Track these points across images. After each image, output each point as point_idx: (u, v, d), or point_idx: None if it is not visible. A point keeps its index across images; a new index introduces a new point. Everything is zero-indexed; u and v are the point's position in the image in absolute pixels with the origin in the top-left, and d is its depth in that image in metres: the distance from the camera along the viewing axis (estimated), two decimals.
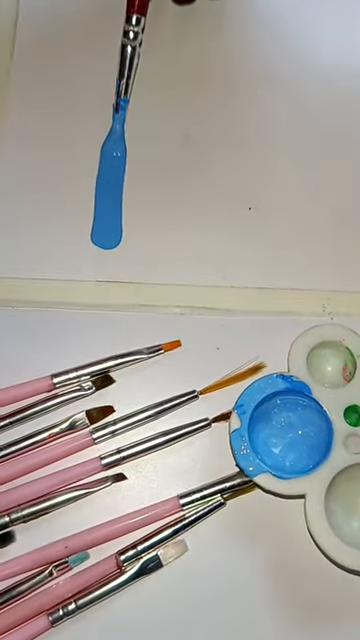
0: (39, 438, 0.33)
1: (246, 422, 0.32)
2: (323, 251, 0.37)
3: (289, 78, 0.39)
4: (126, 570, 0.31)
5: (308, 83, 0.39)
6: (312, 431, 0.33)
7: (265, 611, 0.32)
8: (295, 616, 0.32)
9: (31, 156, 0.37)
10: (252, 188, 0.37)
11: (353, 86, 0.39)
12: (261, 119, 0.38)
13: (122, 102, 0.36)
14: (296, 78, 0.39)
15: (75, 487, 0.32)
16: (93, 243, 0.36)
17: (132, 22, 0.35)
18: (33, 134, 0.37)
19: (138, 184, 0.37)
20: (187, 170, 0.37)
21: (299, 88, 0.39)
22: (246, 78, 0.39)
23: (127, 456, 0.33)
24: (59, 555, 0.31)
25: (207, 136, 0.38)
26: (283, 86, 0.39)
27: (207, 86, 0.38)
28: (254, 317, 0.35)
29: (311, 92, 0.39)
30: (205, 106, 0.38)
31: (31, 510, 0.32)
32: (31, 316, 0.35)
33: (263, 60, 0.39)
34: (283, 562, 0.32)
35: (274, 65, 0.39)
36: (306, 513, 0.31)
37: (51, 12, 0.39)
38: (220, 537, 0.32)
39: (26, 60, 0.38)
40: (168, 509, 0.32)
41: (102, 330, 0.35)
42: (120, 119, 0.37)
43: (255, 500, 0.32)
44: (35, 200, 0.37)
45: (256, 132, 0.38)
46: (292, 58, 0.39)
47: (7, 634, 0.30)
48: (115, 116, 0.37)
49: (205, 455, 0.33)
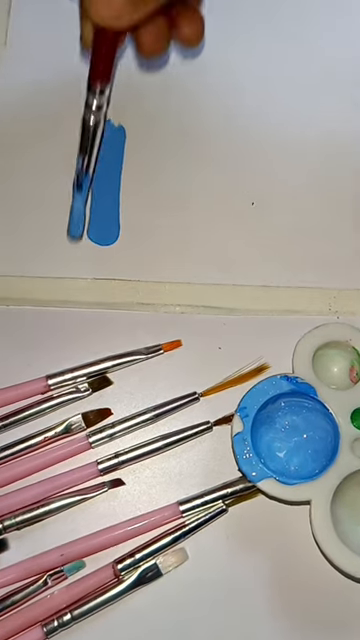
0: (33, 442, 0.33)
1: (249, 425, 0.32)
2: (329, 247, 0.37)
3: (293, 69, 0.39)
4: (124, 579, 0.31)
5: (313, 73, 0.39)
6: (318, 435, 0.33)
7: (268, 622, 0.32)
8: (300, 627, 0.32)
9: (23, 147, 0.37)
10: (255, 182, 0.37)
11: None
12: (264, 109, 0.38)
13: (85, 179, 0.34)
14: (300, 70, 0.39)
15: (71, 493, 0.32)
16: (89, 239, 0.36)
17: (95, 93, 0.30)
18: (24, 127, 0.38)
19: (137, 177, 0.37)
20: (187, 163, 0.38)
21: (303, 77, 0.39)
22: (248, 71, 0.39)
23: (125, 461, 0.33)
24: (54, 564, 0.31)
25: (206, 131, 0.38)
26: (286, 75, 0.39)
27: (207, 75, 0.39)
28: (257, 316, 0.35)
29: (316, 82, 0.39)
30: (206, 95, 0.39)
31: (25, 517, 0.32)
32: (25, 315, 0.35)
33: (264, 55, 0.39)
34: (287, 571, 0.32)
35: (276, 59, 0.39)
36: (311, 520, 0.31)
37: None
38: (222, 545, 0.32)
39: None
40: (167, 516, 0.32)
41: (99, 329, 0.35)
42: (82, 199, 0.34)
43: (258, 506, 0.32)
44: (28, 194, 0.37)
45: (258, 122, 0.38)
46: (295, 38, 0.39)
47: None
48: (76, 196, 0.34)
49: (206, 460, 0.33)
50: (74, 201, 0.34)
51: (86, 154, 0.33)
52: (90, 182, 0.34)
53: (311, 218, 0.37)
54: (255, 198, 0.37)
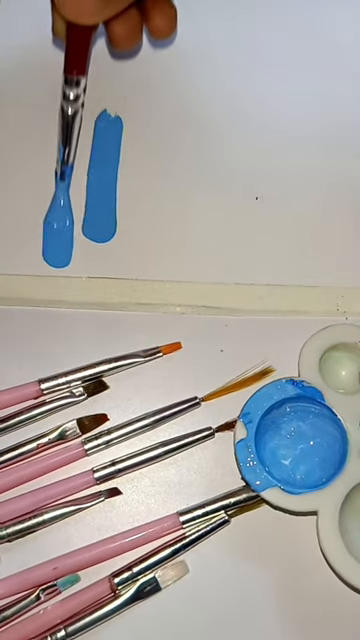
0: (25, 449, 0.32)
1: (252, 432, 0.32)
2: (337, 244, 0.37)
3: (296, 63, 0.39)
4: (121, 594, 0.31)
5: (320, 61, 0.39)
6: (325, 441, 0.33)
7: (274, 636, 0.32)
8: (302, 638, 0.32)
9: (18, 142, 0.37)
10: (259, 176, 0.37)
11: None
12: (268, 99, 0.39)
13: (67, 170, 0.35)
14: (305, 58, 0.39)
15: (65, 503, 0.32)
16: (84, 236, 0.36)
17: (72, 84, 0.32)
18: None
19: (134, 171, 0.37)
20: (188, 156, 0.38)
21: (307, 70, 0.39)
22: (251, 58, 0.39)
23: (122, 469, 0.32)
24: (47, 577, 0.31)
25: (209, 121, 0.38)
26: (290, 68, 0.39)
27: (210, 63, 0.39)
28: (261, 317, 0.35)
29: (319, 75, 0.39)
30: (207, 85, 0.39)
31: (16, 528, 0.31)
32: (16, 315, 0.35)
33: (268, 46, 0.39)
34: (293, 585, 0.32)
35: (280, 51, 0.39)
36: (318, 531, 0.31)
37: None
38: (224, 557, 0.32)
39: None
40: (167, 527, 0.32)
41: (94, 331, 0.35)
42: (64, 188, 0.36)
43: (262, 517, 0.32)
44: (19, 187, 0.37)
45: (263, 113, 0.38)
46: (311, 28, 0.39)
47: None
48: (59, 185, 0.35)
49: (208, 468, 0.33)
50: (57, 191, 0.35)
51: (67, 144, 0.34)
52: (71, 172, 0.35)
53: (318, 213, 0.37)
54: (259, 192, 0.37)
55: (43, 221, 0.36)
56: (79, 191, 0.37)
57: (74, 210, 0.36)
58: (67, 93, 0.32)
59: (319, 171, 0.37)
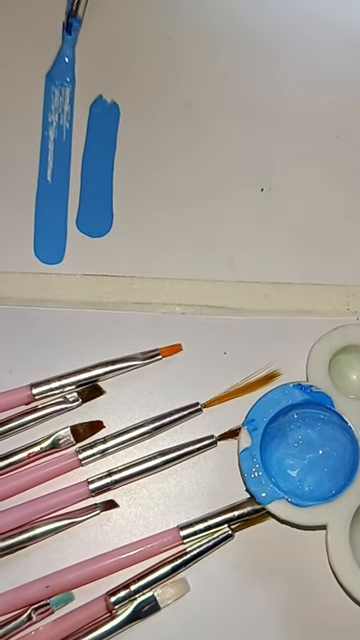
0: (16, 459, 0.32)
1: (258, 440, 0.31)
2: (347, 240, 0.36)
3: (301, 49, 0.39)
4: (117, 614, 0.30)
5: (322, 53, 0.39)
6: (335, 450, 0.32)
7: None
8: None
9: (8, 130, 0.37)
10: (265, 165, 0.37)
11: None
12: (273, 85, 0.38)
13: (74, 22, 0.37)
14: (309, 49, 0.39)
15: (58, 516, 0.32)
16: (79, 229, 0.36)
17: None
18: None
19: (132, 161, 0.37)
20: (188, 145, 0.37)
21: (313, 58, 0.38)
22: (255, 42, 0.38)
23: (119, 480, 0.32)
24: (39, 596, 0.30)
25: (210, 106, 0.38)
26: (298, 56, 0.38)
27: (211, 49, 0.38)
28: (267, 317, 0.35)
29: (328, 61, 0.38)
30: (209, 73, 0.38)
31: (7, 543, 0.31)
32: (5, 315, 0.35)
33: (275, 27, 0.39)
34: (301, 604, 0.32)
35: (287, 34, 0.39)
36: (328, 546, 0.30)
37: None
38: (227, 575, 0.32)
39: None
40: (167, 542, 0.31)
41: (89, 332, 0.34)
42: (71, 42, 0.37)
43: (268, 531, 0.32)
44: (7, 177, 0.37)
45: (268, 100, 0.38)
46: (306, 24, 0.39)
47: None
48: (66, 38, 0.37)
49: (210, 479, 0.33)
50: (63, 44, 0.36)
51: None
52: (79, 25, 0.37)
53: (327, 207, 0.37)
54: (265, 184, 0.37)
55: (46, 75, 0.36)
56: (73, 182, 0.36)
57: (69, 203, 0.36)
58: None
59: (327, 161, 0.37)
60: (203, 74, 0.38)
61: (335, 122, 0.37)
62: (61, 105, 0.37)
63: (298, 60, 0.38)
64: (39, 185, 0.36)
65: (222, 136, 0.37)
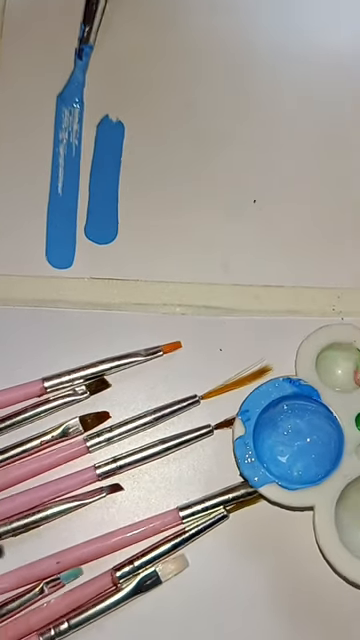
0: (29, 446, 0.32)
1: (251, 429, 0.32)
2: (333, 245, 0.37)
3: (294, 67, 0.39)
4: (122, 587, 0.31)
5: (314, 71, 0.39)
6: (321, 438, 0.33)
7: (271, 631, 0.32)
8: (304, 635, 0.32)
9: (22, 147, 0.38)
10: (257, 179, 0.37)
11: None
12: (266, 105, 0.39)
13: (85, 49, 0.37)
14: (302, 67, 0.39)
15: (68, 499, 0.32)
16: (87, 237, 0.36)
17: None
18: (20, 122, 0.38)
19: (135, 175, 0.37)
20: (187, 160, 0.38)
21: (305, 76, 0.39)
22: (250, 62, 0.39)
23: (123, 465, 0.33)
24: (50, 571, 0.31)
25: (208, 125, 0.38)
26: (289, 74, 0.39)
27: (210, 71, 0.39)
28: (259, 317, 0.35)
29: (317, 80, 0.39)
30: (208, 93, 0.39)
31: (21, 523, 0.31)
32: (19, 315, 0.35)
33: (267, 45, 0.39)
34: (290, 578, 0.32)
35: (282, 53, 0.39)
36: (315, 526, 0.31)
37: None
38: (223, 552, 0.32)
39: None
40: (167, 522, 0.32)
41: (97, 331, 0.35)
42: (82, 67, 0.37)
43: (260, 512, 0.32)
44: (21, 189, 0.37)
45: (260, 119, 0.38)
46: (295, 45, 0.40)
47: None
48: (77, 63, 0.37)
49: (207, 464, 0.33)
50: (75, 68, 0.37)
51: (87, 23, 0.37)
52: (90, 51, 0.37)
53: (314, 214, 0.37)
54: (256, 195, 0.37)
55: (57, 96, 0.37)
56: (82, 194, 0.37)
57: (78, 213, 0.36)
58: None
59: (315, 173, 0.37)
60: (201, 95, 0.38)
61: (323, 138, 0.38)
62: (71, 124, 0.37)
63: (291, 79, 0.39)
64: (50, 197, 0.36)
65: (219, 152, 0.37)
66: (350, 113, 0.38)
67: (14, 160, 0.37)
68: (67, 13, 0.38)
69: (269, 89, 0.39)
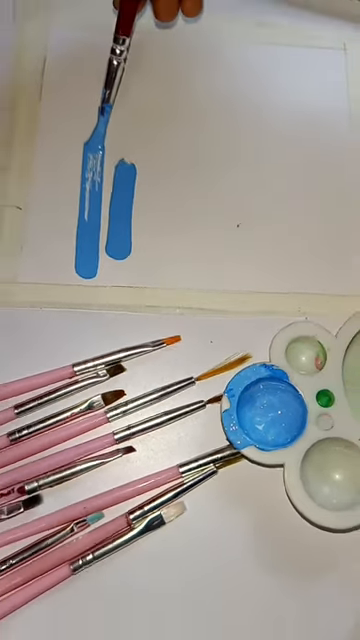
0: (62, 417, 0.33)
1: (235, 404, 0.32)
2: (298, 262, 0.37)
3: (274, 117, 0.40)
4: (134, 527, 0.31)
5: (288, 121, 0.39)
6: (290, 411, 0.33)
7: (250, 560, 0.32)
8: (274, 563, 0.32)
9: (57, 183, 0.37)
10: (241, 208, 0.37)
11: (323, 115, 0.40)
12: (252, 148, 0.39)
13: (107, 107, 0.37)
14: (279, 117, 0.39)
15: (92, 458, 0.32)
16: (107, 254, 0.36)
17: (119, 42, 0.34)
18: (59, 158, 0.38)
19: (145, 206, 0.37)
20: (186, 194, 0.38)
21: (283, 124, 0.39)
22: (241, 117, 0.39)
23: (136, 432, 0.33)
24: (79, 515, 0.31)
25: (203, 164, 0.38)
26: (272, 124, 0.39)
27: (208, 118, 0.39)
28: (242, 316, 0.35)
29: (291, 127, 0.39)
30: (200, 139, 0.39)
31: (55, 477, 0.32)
32: (56, 315, 0.35)
33: (252, 100, 0.40)
34: (266, 520, 0.32)
35: (263, 105, 0.39)
36: (285, 480, 0.31)
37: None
38: (213, 499, 0.32)
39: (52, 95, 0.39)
40: (169, 476, 0.32)
41: (115, 327, 0.35)
42: (104, 121, 0.37)
43: (242, 469, 0.32)
44: (56, 216, 0.37)
45: (245, 161, 0.39)
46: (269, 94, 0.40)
47: (36, 580, 0.30)
48: (100, 118, 0.37)
49: (200, 431, 0.33)
50: (98, 123, 0.36)
51: (108, 87, 0.36)
52: (110, 109, 0.37)
53: (285, 238, 0.37)
54: (241, 221, 0.37)
55: (84, 144, 0.37)
56: (103, 220, 0.37)
57: (101, 236, 0.36)
58: (115, 49, 0.34)
59: (285, 206, 0.37)
60: (194, 140, 0.38)
61: (296, 175, 0.38)
62: (94, 165, 0.37)
63: (272, 127, 0.39)
64: (79, 222, 0.36)
65: (210, 191, 0.37)
66: (319, 154, 0.39)
67: (51, 193, 0.37)
68: (92, 78, 0.38)
69: (255, 136, 0.39)
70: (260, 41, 0.39)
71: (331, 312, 0.35)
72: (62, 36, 0.39)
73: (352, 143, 0.38)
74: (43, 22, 0.39)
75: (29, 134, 0.38)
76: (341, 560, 0.31)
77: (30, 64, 0.39)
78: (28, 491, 0.31)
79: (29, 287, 0.35)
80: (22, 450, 0.32)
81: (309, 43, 0.40)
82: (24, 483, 0.31)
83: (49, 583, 0.30)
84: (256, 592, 0.31)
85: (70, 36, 0.39)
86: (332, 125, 0.39)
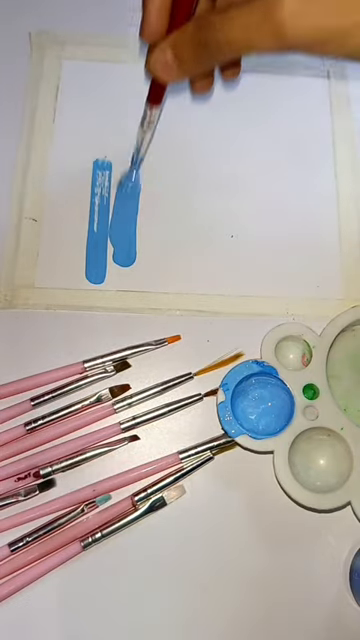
0: (73, 408, 0.33)
1: (229, 396, 0.32)
2: (286, 268, 0.37)
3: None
4: (139, 508, 0.31)
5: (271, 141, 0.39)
6: (279, 403, 0.33)
7: (244, 536, 0.32)
8: (265, 538, 0.32)
9: (70, 198, 0.37)
10: (233, 221, 0.37)
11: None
12: (239, 177, 0.39)
13: (137, 160, 0.36)
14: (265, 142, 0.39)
15: (100, 445, 0.32)
16: (114, 262, 0.36)
17: (150, 110, 0.32)
18: None
19: (148, 220, 0.37)
20: (182, 208, 0.38)
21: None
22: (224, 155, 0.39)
23: (140, 422, 0.33)
24: (88, 496, 0.31)
25: (199, 185, 0.38)
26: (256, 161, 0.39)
27: (195, 157, 0.39)
28: (235, 317, 0.35)
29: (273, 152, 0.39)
30: (193, 165, 0.38)
31: (68, 462, 0.32)
32: (68, 317, 0.35)
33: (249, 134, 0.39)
34: (257, 501, 0.32)
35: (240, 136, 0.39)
36: (274, 465, 0.31)
37: None
38: (210, 483, 0.32)
39: None
40: (170, 462, 0.32)
41: (121, 327, 0.35)
42: (135, 170, 0.37)
43: (236, 455, 0.32)
44: (68, 228, 0.37)
45: (237, 181, 0.38)
46: None
47: (50, 555, 0.31)
48: (131, 168, 0.37)
49: (198, 421, 0.33)
50: (129, 171, 0.36)
51: (138, 152, 0.35)
52: (141, 161, 0.36)
53: (274, 248, 0.37)
54: (234, 232, 0.37)
55: (94, 162, 0.37)
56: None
57: (109, 246, 0.36)
58: (146, 116, 0.32)
59: (273, 219, 0.37)
60: (187, 166, 0.38)
61: (282, 194, 0.38)
62: (103, 182, 0.37)
63: (259, 155, 0.38)
64: (89, 233, 0.36)
65: (205, 206, 0.37)
66: (277, 184, 0.38)
67: (64, 207, 0.37)
68: (102, 101, 0.38)
69: (240, 170, 0.38)
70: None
71: (316, 314, 0.35)
72: (73, 66, 0.39)
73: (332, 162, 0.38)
74: (56, 54, 0.39)
75: (43, 152, 0.38)
76: (323, 535, 0.32)
77: (45, 91, 0.39)
78: (43, 475, 0.31)
79: (44, 291, 0.35)
80: (37, 438, 0.32)
81: (292, 70, 0.39)
82: (39, 468, 0.31)
83: (62, 558, 0.31)
84: (248, 562, 0.31)
85: (81, 66, 0.39)
86: (315, 149, 0.39)
